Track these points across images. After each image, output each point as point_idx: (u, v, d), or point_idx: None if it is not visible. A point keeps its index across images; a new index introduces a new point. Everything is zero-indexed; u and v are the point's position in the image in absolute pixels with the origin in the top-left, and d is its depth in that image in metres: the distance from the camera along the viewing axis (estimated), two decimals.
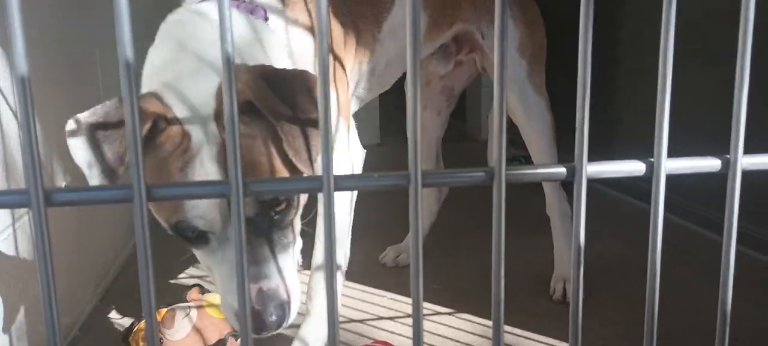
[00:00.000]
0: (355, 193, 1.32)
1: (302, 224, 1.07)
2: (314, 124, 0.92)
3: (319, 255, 1.29)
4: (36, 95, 0.46)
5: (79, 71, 1.65)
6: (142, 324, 1.43)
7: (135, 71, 0.46)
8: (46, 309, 0.48)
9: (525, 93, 1.66)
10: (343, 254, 1.32)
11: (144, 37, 0.96)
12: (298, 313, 1.00)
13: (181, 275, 1.84)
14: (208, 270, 1.00)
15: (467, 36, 1.64)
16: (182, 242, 0.96)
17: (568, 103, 1.63)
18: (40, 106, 1.27)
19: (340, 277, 1.34)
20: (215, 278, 0.97)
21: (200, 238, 0.94)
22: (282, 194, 0.93)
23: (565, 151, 2.03)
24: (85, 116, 0.90)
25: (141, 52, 0.97)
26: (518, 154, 2.31)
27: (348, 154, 1.30)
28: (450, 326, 1.53)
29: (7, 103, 1.21)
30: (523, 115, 1.67)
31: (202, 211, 0.90)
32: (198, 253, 0.98)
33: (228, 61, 0.46)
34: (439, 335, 1.48)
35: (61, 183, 1.48)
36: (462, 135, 4.04)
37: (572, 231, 1.81)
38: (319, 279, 1.28)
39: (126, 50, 0.45)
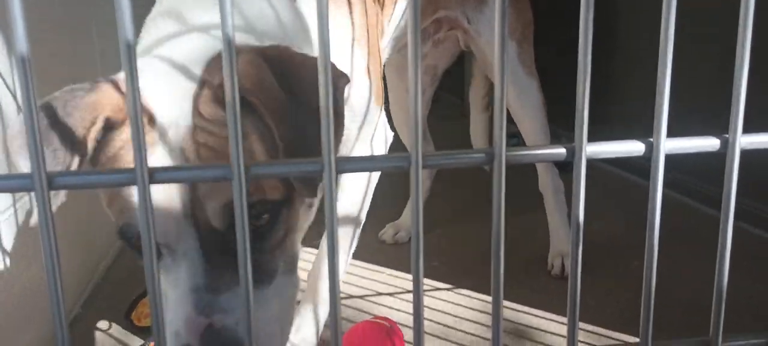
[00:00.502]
0: (375, 177, 1.25)
1: None
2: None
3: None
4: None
5: (76, 51, 1.64)
6: (146, 300, 1.44)
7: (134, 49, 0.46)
8: (50, 288, 0.48)
9: (517, 75, 1.65)
10: (351, 237, 1.24)
11: (143, 16, 0.95)
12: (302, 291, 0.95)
13: None
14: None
15: (450, 20, 1.63)
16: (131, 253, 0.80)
17: (563, 78, 1.62)
18: (37, 88, 1.27)
19: (343, 256, 1.24)
20: (167, 302, 0.78)
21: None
22: (284, 176, 0.76)
23: (559, 127, 2.03)
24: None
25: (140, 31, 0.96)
26: (513, 131, 2.31)
27: (384, 147, 1.24)
28: (449, 302, 1.54)
29: (6, 86, 1.21)
30: (516, 98, 1.66)
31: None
32: None
33: (229, 43, 0.46)
34: (438, 311, 1.50)
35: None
36: (459, 113, 4.03)
37: (566, 206, 1.83)
38: (322, 258, 1.23)
39: (126, 32, 0.45)
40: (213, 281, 0.73)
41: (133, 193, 0.73)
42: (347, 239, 1.23)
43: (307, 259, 1.35)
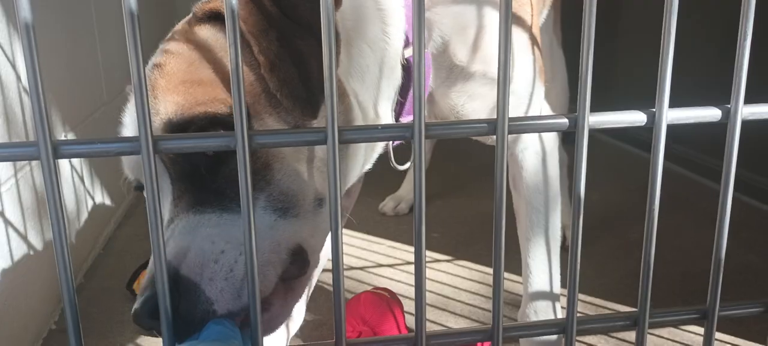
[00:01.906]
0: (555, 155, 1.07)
1: None
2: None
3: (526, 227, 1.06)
4: None
5: (74, 21, 1.63)
6: (147, 271, 1.45)
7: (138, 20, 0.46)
8: (57, 254, 0.49)
9: (552, 45, 1.57)
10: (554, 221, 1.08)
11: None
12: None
13: None
14: None
15: None
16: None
17: (569, 51, 1.61)
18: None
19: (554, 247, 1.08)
20: None
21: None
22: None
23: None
24: None
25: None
26: None
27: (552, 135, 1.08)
28: (449, 273, 1.55)
29: (5, 55, 1.20)
30: (548, 69, 1.55)
31: (132, 166, 0.74)
32: None
33: (232, 12, 0.46)
34: (438, 282, 1.51)
35: (62, 135, 1.48)
36: None
37: (567, 179, 1.78)
38: (536, 255, 1.06)
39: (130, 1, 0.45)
40: (173, 209, 0.68)
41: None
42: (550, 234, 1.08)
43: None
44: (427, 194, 0.53)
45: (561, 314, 1.10)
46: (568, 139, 1.22)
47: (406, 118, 0.92)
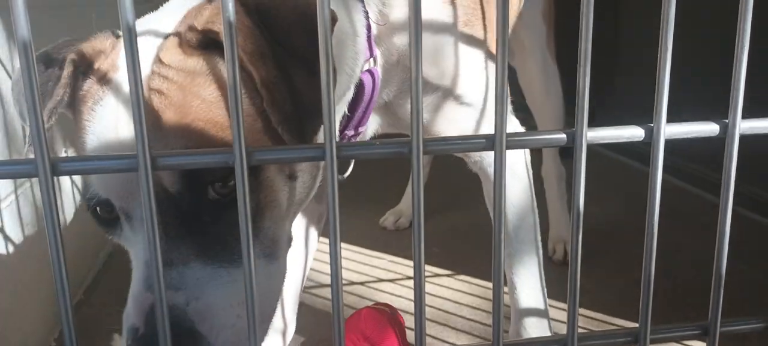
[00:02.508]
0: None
1: None
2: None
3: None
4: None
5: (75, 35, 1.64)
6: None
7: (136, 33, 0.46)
8: (55, 272, 0.49)
9: (545, 60, 1.59)
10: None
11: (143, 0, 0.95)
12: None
13: None
14: None
15: None
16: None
17: (565, 65, 1.61)
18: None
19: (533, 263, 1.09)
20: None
21: (111, 222, 0.70)
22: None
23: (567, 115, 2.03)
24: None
25: (141, 14, 0.95)
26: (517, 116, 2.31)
27: (523, 154, 1.10)
28: (449, 288, 1.55)
29: (6, 71, 1.21)
30: (543, 84, 1.60)
31: (109, 182, 0.67)
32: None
33: (229, 24, 0.46)
34: (438, 297, 1.51)
35: (63, 151, 1.48)
36: None
37: (567, 193, 1.78)
38: (518, 270, 1.06)
39: (127, 15, 0.45)
40: (166, 252, 0.64)
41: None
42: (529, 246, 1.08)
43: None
44: (426, 209, 0.53)
45: (551, 329, 1.10)
46: (567, 154, 1.22)
47: (350, 131, 0.92)
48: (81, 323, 1.43)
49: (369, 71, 0.88)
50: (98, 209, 0.70)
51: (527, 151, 1.08)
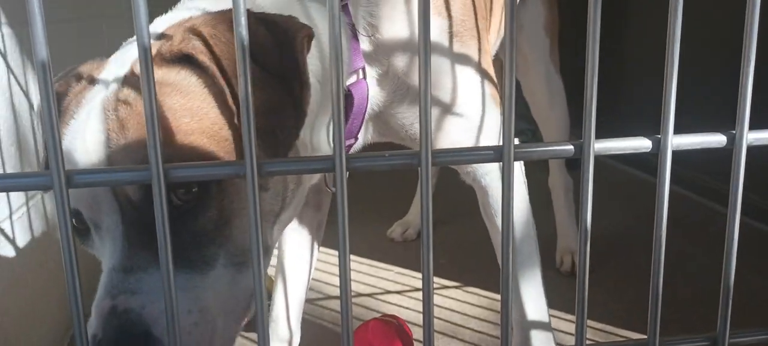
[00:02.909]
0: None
1: None
2: (293, 97, 0.69)
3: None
4: None
5: (86, 47, 1.66)
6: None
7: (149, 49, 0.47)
8: (68, 281, 0.50)
9: (549, 73, 1.61)
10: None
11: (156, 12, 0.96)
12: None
13: None
14: None
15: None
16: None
17: (571, 75, 1.61)
18: None
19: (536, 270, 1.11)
20: None
21: (83, 232, 0.72)
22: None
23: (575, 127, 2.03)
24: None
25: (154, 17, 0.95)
26: (525, 127, 2.31)
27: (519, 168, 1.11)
28: (457, 300, 1.55)
29: (19, 85, 1.22)
30: (547, 96, 1.62)
31: (78, 194, 0.68)
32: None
33: (242, 44, 0.47)
34: (446, 309, 1.50)
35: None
36: None
37: (574, 204, 1.78)
38: (518, 283, 1.08)
39: (143, 31, 0.46)
40: (128, 259, 0.65)
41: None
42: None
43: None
44: (433, 220, 0.53)
45: (553, 341, 1.10)
46: (574, 165, 1.22)
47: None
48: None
49: (357, 83, 0.89)
50: (72, 220, 0.71)
51: (521, 162, 1.08)
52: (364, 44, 0.89)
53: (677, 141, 0.57)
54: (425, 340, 0.58)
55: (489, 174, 1.03)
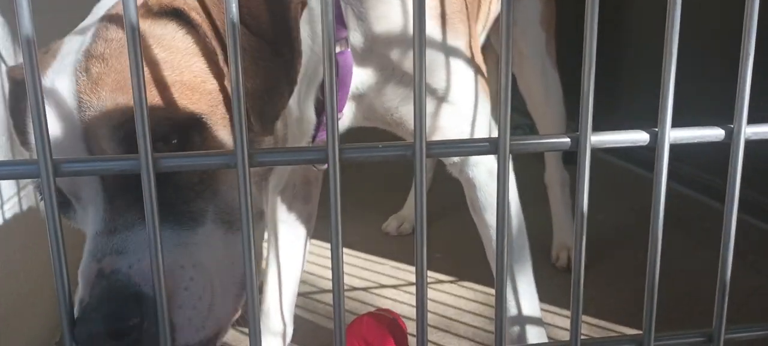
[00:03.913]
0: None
1: None
2: (285, 63, 0.67)
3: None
4: None
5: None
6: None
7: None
8: (56, 275, 0.49)
9: (545, 66, 1.60)
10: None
11: None
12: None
13: None
14: None
15: None
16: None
17: (569, 69, 1.61)
18: None
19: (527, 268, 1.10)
20: None
21: (63, 205, 0.69)
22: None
23: (573, 121, 2.03)
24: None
25: None
26: (522, 122, 2.30)
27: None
28: (452, 294, 1.54)
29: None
30: (542, 91, 1.61)
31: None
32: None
33: (232, 26, 0.46)
34: (441, 303, 1.50)
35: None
36: None
37: (571, 199, 1.78)
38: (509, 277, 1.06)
39: (131, 15, 0.45)
40: (111, 221, 0.62)
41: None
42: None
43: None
44: (428, 215, 0.53)
45: (545, 335, 1.10)
46: (570, 160, 1.22)
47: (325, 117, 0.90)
48: None
49: (343, 53, 0.86)
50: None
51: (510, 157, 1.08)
52: (349, 17, 0.86)
53: (675, 134, 0.56)
54: (418, 334, 0.57)
55: (476, 166, 1.01)
